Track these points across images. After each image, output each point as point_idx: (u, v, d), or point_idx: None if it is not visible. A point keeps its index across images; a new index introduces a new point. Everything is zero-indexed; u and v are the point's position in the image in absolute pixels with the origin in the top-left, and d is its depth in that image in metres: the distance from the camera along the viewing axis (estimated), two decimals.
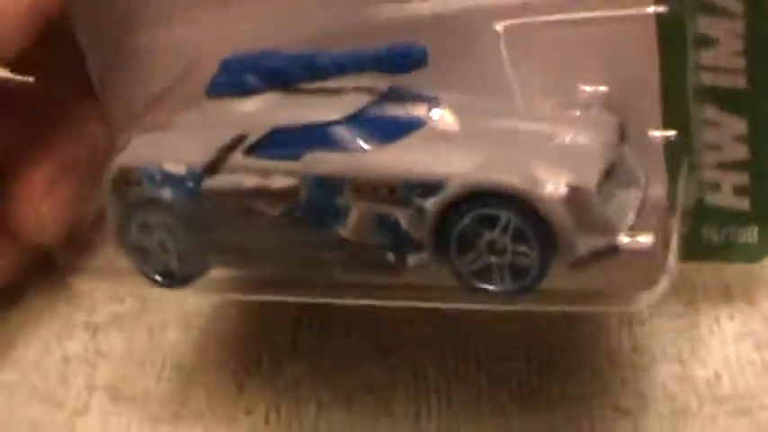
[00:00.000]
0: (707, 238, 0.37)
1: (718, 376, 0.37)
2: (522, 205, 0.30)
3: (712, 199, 0.37)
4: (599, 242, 0.31)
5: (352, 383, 0.39)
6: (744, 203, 0.37)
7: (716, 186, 0.36)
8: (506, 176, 0.30)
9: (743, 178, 0.36)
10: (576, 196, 0.30)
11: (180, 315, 0.44)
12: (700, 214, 0.37)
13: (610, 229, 0.31)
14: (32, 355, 0.43)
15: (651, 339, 0.39)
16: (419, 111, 0.34)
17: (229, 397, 0.40)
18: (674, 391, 0.37)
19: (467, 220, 0.31)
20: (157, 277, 0.36)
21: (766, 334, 0.38)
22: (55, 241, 0.39)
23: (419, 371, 0.39)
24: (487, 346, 0.39)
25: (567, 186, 0.30)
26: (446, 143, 0.33)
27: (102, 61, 0.41)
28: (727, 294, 0.40)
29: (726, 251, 0.37)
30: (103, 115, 0.43)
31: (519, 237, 0.31)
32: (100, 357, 0.43)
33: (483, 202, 0.31)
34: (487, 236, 0.31)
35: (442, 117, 0.33)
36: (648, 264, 0.31)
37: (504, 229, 0.31)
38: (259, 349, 0.41)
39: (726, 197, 0.37)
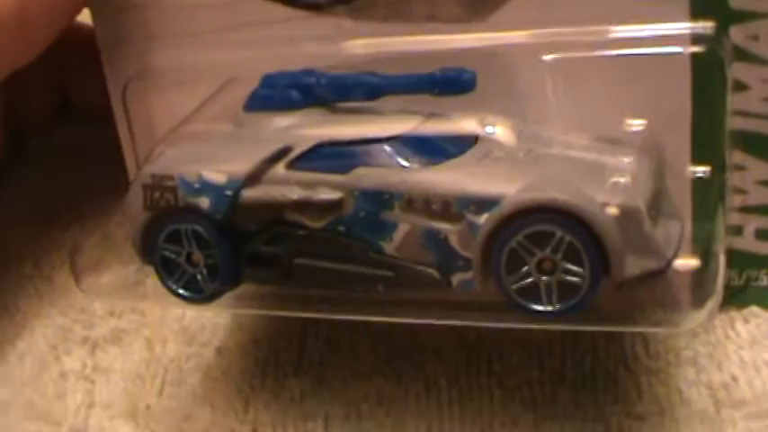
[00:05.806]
0: (727, 281, 0.38)
1: (735, 379, 0.37)
2: (577, 223, 0.31)
3: (734, 242, 0.37)
4: (648, 264, 0.31)
5: (361, 396, 0.38)
6: (765, 248, 0.37)
7: (738, 230, 0.37)
8: (562, 194, 0.31)
9: (766, 222, 0.37)
10: (628, 217, 0.31)
11: (180, 329, 0.42)
12: None
13: (659, 252, 0.32)
14: (28, 371, 0.42)
15: (666, 344, 0.38)
16: (472, 128, 0.34)
17: (234, 413, 0.38)
18: (690, 396, 0.36)
19: (519, 236, 0.31)
20: (182, 291, 0.36)
21: None
22: None
23: (431, 382, 0.38)
24: (500, 355, 0.39)
25: (620, 207, 0.31)
26: (500, 163, 0.33)
27: (125, 76, 0.41)
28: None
29: (745, 294, 0.38)
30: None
31: (571, 255, 0.31)
32: (99, 373, 0.41)
33: (537, 219, 0.31)
34: (538, 254, 0.31)
35: (496, 134, 0.34)
36: (696, 286, 0.31)
37: (557, 248, 0.31)
38: (264, 363, 0.40)
39: (748, 241, 0.37)
